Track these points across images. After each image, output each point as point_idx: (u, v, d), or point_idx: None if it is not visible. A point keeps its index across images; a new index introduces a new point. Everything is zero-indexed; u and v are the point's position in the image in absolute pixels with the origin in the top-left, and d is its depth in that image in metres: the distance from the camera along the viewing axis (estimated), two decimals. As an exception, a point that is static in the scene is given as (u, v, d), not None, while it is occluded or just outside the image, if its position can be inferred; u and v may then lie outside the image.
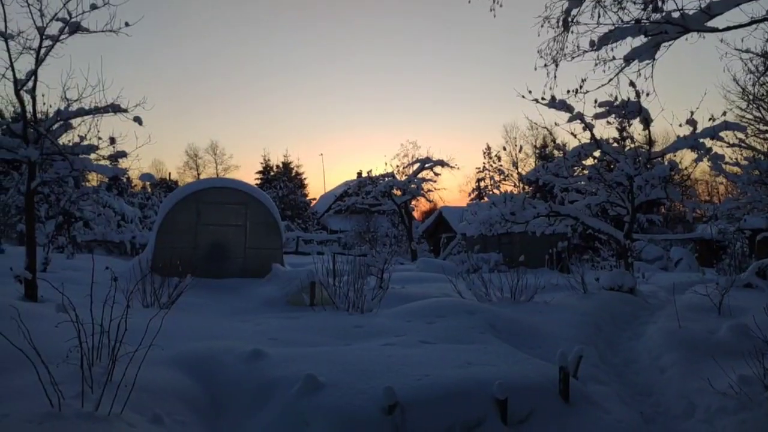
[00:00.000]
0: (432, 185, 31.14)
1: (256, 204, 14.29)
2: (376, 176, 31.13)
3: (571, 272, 12.99)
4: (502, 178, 41.89)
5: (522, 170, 42.79)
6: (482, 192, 43.15)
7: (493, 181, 42.51)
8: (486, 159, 43.93)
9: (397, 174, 30.86)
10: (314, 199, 48.72)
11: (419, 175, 30.60)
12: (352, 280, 9.04)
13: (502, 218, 13.21)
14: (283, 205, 38.17)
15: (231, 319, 8.30)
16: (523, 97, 11.89)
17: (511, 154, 45.05)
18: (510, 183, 42.20)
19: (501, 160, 42.76)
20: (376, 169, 32.43)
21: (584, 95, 9.73)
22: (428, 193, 31.61)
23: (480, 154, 71.77)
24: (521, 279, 9.86)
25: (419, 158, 30.99)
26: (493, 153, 43.17)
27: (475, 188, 45.66)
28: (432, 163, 30.52)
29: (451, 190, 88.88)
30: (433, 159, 30.55)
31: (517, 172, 43.37)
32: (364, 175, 32.61)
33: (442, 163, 30.43)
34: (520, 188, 38.92)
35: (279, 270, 12.87)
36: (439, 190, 32.00)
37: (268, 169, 48.22)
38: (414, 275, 15.51)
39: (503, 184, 41.22)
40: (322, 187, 56.51)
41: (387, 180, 30.13)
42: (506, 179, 42.01)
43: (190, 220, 13.73)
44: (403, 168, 31.25)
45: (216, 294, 11.14)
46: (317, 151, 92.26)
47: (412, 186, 30.05)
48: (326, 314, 8.48)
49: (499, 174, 42.13)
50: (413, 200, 31.78)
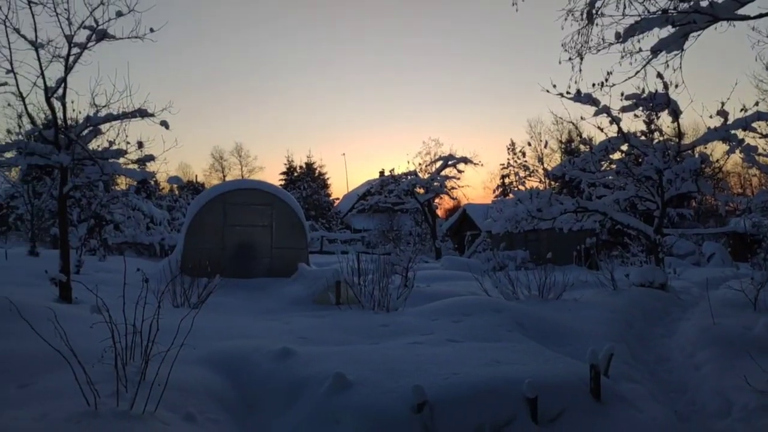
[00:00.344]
0: (455, 182, 31.04)
1: (281, 204, 14.41)
2: (398, 175, 31.11)
3: (599, 269, 12.81)
4: (528, 174, 41.43)
5: (547, 166, 42.35)
6: (507, 188, 42.81)
7: (518, 178, 42.08)
8: (510, 155, 43.53)
9: (419, 172, 30.79)
10: (337, 199, 48.93)
11: (442, 173, 30.48)
12: (376, 279, 9.05)
13: (528, 215, 13.08)
14: (307, 205, 38.40)
15: (259, 318, 8.38)
16: (547, 91, 11.77)
17: (536, 149, 44.58)
18: (535, 179, 41.75)
19: (526, 156, 42.27)
20: (399, 167, 32.37)
21: (610, 88, 9.60)
22: (452, 191, 31.51)
23: (504, 150, 71.26)
24: (549, 276, 9.76)
25: (442, 155, 30.87)
26: (518, 149, 42.74)
27: (499, 185, 45.34)
28: (455, 160, 30.37)
29: (475, 187, 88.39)
30: (456, 156, 30.41)
31: (542, 168, 42.90)
32: (387, 174, 32.62)
33: (465, 160, 30.26)
34: (545, 184, 38.48)
35: (305, 269, 12.96)
36: (463, 187, 31.74)
37: (292, 169, 48.58)
38: (439, 273, 15.47)
39: (528, 180, 40.78)
40: (345, 187, 56.66)
41: (410, 178, 30.08)
42: (531, 175, 41.55)
43: (217, 221, 13.91)
44: (426, 166, 31.18)
45: (244, 293, 11.27)
46: (340, 150, 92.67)
47: (435, 184, 29.95)
48: (352, 313, 8.51)
49: (524, 170, 41.68)
50: (436, 198, 31.68)
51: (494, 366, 4.87)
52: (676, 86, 11.16)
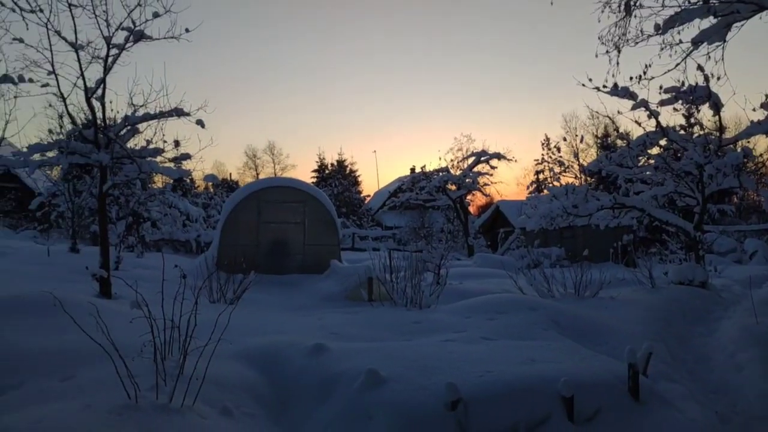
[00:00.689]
0: (488, 179, 30.72)
1: (313, 202, 14.52)
2: (429, 171, 30.95)
3: (637, 266, 12.53)
4: (563, 169, 40.77)
5: (583, 161, 41.55)
6: (541, 185, 42.24)
7: (552, 173, 41.45)
8: (545, 150, 42.97)
9: (451, 168, 30.58)
10: (368, 196, 49.04)
11: (475, 169, 30.20)
12: (409, 276, 9.04)
13: (563, 211, 12.88)
14: (338, 202, 38.59)
15: (293, 314, 8.47)
16: (583, 85, 11.55)
17: (571, 144, 43.81)
18: (571, 174, 41.05)
19: (561, 151, 41.64)
20: (430, 164, 32.27)
21: (648, 81, 9.37)
22: (484, 187, 31.16)
23: (538, 146, 70.28)
24: (585, 274, 9.60)
25: (474, 151, 30.56)
26: (552, 144, 42.16)
27: (533, 181, 44.78)
28: (488, 156, 30.06)
29: (509, 184, 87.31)
30: (488, 152, 30.08)
31: (578, 163, 42.17)
32: (418, 171, 32.50)
33: (498, 156, 29.92)
34: (581, 180, 37.81)
35: (337, 266, 13.04)
36: (496, 183, 31.35)
37: (323, 167, 48.90)
38: (471, 271, 15.36)
39: (563, 176, 40.14)
40: (376, 184, 56.85)
41: (441, 175, 29.89)
42: (566, 171, 40.86)
43: (251, 218, 14.10)
44: (458, 162, 30.92)
45: (277, 289, 11.40)
46: (371, 148, 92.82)
47: (468, 180, 29.70)
48: (384, 310, 8.52)
49: (559, 165, 41.04)
50: (469, 195, 31.38)
51: (529, 364, 4.82)
52: (717, 78, 10.78)
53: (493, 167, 30.33)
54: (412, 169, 40.94)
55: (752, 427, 4.78)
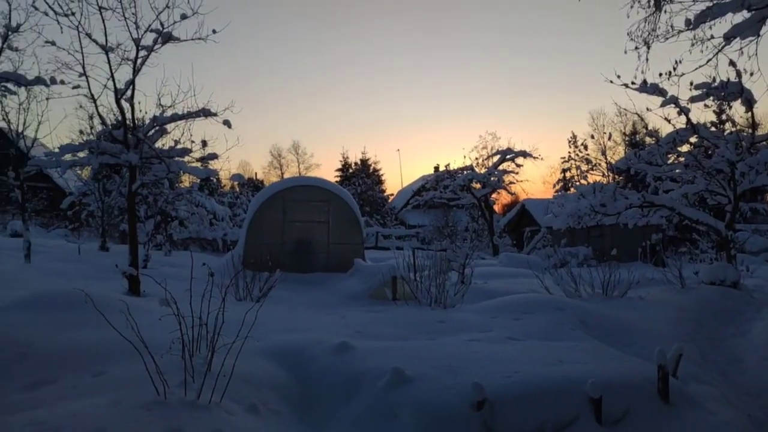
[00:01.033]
0: (514, 177, 30.40)
1: (337, 201, 14.58)
2: (454, 170, 30.78)
3: (666, 266, 12.31)
4: (590, 167, 40.17)
5: (611, 159, 40.91)
6: (568, 183, 41.72)
7: (579, 171, 40.87)
8: (571, 148, 42.37)
9: (476, 167, 30.37)
10: (392, 195, 49.04)
11: (500, 167, 29.95)
12: (433, 275, 9.01)
13: (591, 210, 12.70)
14: (362, 201, 38.67)
15: (317, 312, 8.52)
16: (611, 82, 11.37)
17: (598, 142, 43.19)
18: (598, 172, 40.43)
19: (588, 149, 41.03)
20: (455, 162, 32.05)
21: (679, 78, 9.16)
22: (510, 186, 30.87)
23: (565, 143, 69.52)
24: (613, 273, 9.46)
25: (500, 149, 30.31)
26: (579, 141, 41.56)
27: (560, 179, 44.25)
28: (513, 154, 29.77)
29: (534, 182, 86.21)
30: (514, 150, 29.79)
31: (605, 161, 41.53)
32: (442, 169, 32.35)
33: (524, 154, 29.61)
34: (609, 178, 37.25)
35: (361, 265, 13.07)
36: (522, 182, 30.95)
37: (347, 166, 49.06)
38: (497, 270, 15.24)
39: (591, 174, 39.54)
40: (400, 183, 56.72)
41: (466, 173, 29.69)
42: (594, 169, 40.24)
43: (276, 217, 14.22)
44: (483, 160, 30.73)
45: (302, 288, 11.48)
46: (394, 146, 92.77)
47: (493, 178, 29.46)
48: (409, 309, 8.51)
49: (586, 163, 40.43)
50: (494, 193, 31.12)
51: (556, 365, 4.76)
52: (750, 74, 10.52)
53: (518, 165, 30.03)
54: (436, 168, 40.84)
55: (787, 431, 4.66)
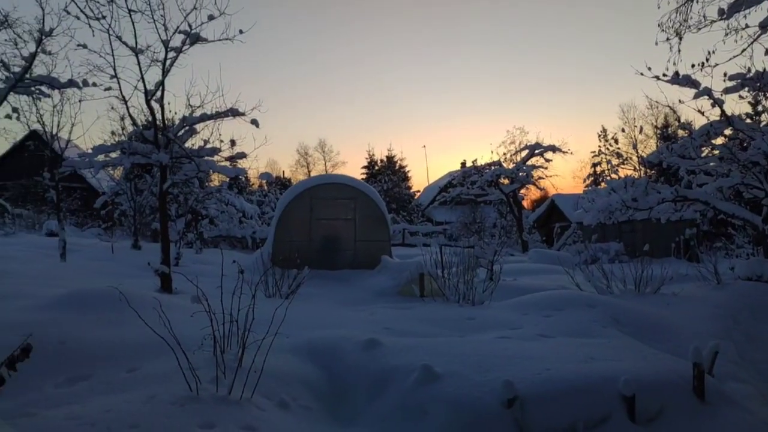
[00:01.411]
0: (542, 172, 29.98)
1: (364, 198, 14.60)
2: (481, 165, 30.53)
3: (701, 261, 12.04)
4: (621, 161, 39.45)
5: (642, 153, 40.10)
6: (599, 177, 41.04)
7: (610, 166, 40.17)
8: (602, 142, 41.68)
9: (504, 162, 30.03)
10: (418, 191, 48.94)
11: (528, 162, 29.57)
12: (461, 272, 8.96)
13: (622, 205, 12.45)
14: (388, 198, 38.67)
15: (345, 308, 8.54)
16: (641, 74, 11.12)
17: (629, 135, 42.37)
18: (629, 167, 39.67)
19: (618, 143, 40.28)
20: (482, 158, 31.74)
21: (712, 69, 8.96)
22: (539, 181, 30.45)
23: (594, 137, 68.38)
24: (645, 269, 9.28)
25: (528, 144, 29.88)
26: (610, 135, 40.85)
27: (590, 174, 43.52)
28: (542, 149, 29.37)
29: (564, 177, 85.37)
30: (543, 144, 29.39)
31: (636, 155, 40.74)
32: (469, 165, 32.12)
33: (553, 149, 29.19)
34: (640, 172, 36.52)
35: (388, 261, 13.06)
36: (551, 177, 30.41)
37: (373, 163, 49.10)
38: (526, 267, 15.10)
39: (622, 168, 38.82)
40: (426, 179, 56.58)
41: (493, 169, 29.41)
42: (625, 163, 39.50)
43: (304, 215, 14.31)
44: (511, 155, 30.34)
45: (330, 284, 11.53)
46: (420, 143, 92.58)
47: (521, 174, 29.10)
48: (437, 305, 8.48)
49: (617, 157, 39.72)
50: (522, 189, 30.78)
51: (588, 362, 4.70)
52: (788, 63, 10.24)
53: (547, 160, 29.61)
54: (463, 164, 40.57)
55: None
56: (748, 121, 12.48)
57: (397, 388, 4.42)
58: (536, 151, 29.48)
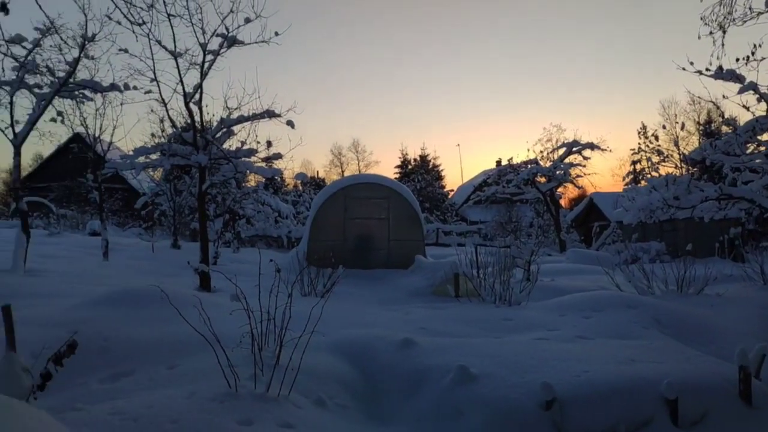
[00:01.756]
0: (581, 170, 29.37)
1: (397, 198, 14.60)
2: (517, 163, 30.16)
3: (746, 261, 11.64)
4: (661, 159, 38.42)
5: (684, 150, 38.98)
6: (638, 175, 40.11)
7: (650, 163, 39.16)
8: (641, 139, 40.69)
9: (540, 160, 29.57)
10: (452, 191, 48.69)
11: (566, 160, 29.04)
12: (497, 272, 8.87)
13: (664, 203, 12.12)
14: (421, 197, 38.58)
15: (380, 307, 8.56)
16: (683, 69, 10.82)
17: (670, 132, 41.24)
18: (670, 164, 38.60)
19: (659, 140, 39.23)
20: (518, 156, 31.31)
21: (758, 63, 8.65)
22: (577, 179, 29.86)
23: (634, 134, 66.83)
24: (688, 269, 9.02)
25: (565, 142, 29.35)
26: (650, 132, 39.83)
27: (630, 171, 42.62)
28: (580, 147, 28.78)
29: (603, 175, 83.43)
30: (581, 142, 28.82)
31: (678, 152, 39.63)
32: (504, 163, 31.75)
33: (591, 146, 28.58)
34: (682, 170, 35.52)
35: (422, 261, 13.02)
36: (589, 175, 29.75)
37: (406, 162, 49.08)
38: (564, 267, 14.85)
39: (662, 166, 37.80)
40: (460, 178, 56.20)
41: (530, 167, 28.99)
42: (666, 160, 38.45)
43: (338, 214, 14.39)
44: (548, 153, 29.83)
45: (364, 283, 11.56)
46: (454, 141, 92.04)
47: (559, 172, 28.59)
48: (472, 306, 8.42)
49: (658, 155, 38.67)
50: (560, 187, 30.25)
51: (629, 364, 4.59)
52: (839, 55, 9.81)
53: (585, 158, 28.99)
54: (498, 162, 40.19)
55: None
56: (797, 116, 11.97)
57: (432, 388, 4.41)
58: (574, 149, 28.93)
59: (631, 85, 73.58)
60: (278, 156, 10.57)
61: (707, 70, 10.81)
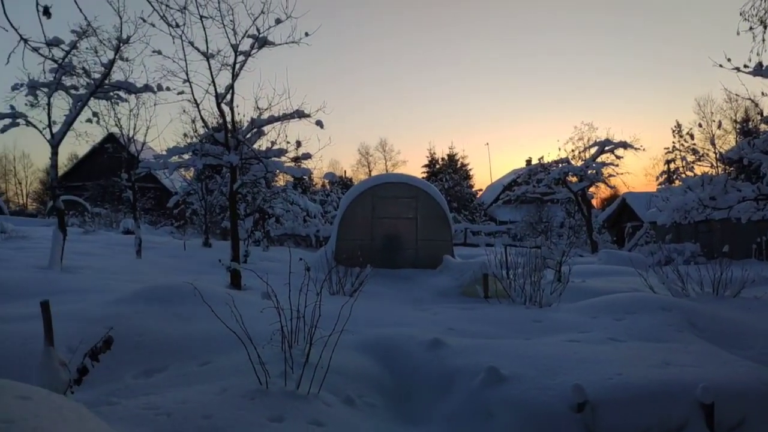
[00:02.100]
0: (613, 169, 28.79)
1: (425, 197, 14.56)
2: (548, 163, 29.76)
3: (786, 263, 11.28)
4: (697, 158, 37.48)
5: (720, 148, 37.95)
6: (673, 175, 39.20)
7: (685, 163, 38.20)
8: (676, 138, 39.60)
9: (572, 159, 29.12)
10: (480, 190, 48.33)
11: (598, 159, 28.52)
12: (527, 273, 8.77)
13: (699, 204, 11.83)
14: (449, 197, 38.39)
15: (408, 307, 8.55)
16: (720, 66, 10.53)
17: (706, 130, 40.22)
18: (706, 163, 37.59)
19: (694, 138, 38.17)
20: (548, 155, 30.87)
21: (800, 59, 8.35)
22: (609, 179, 29.29)
23: (668, 133, 65.42)
24: (724, 271, 8.79)
25: (597, 140, 28.82)
26: (685, 131, 38.83)
27: (664, 171, 41.58)
28: (613, 146, 28.24)
29: (636, 175, 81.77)
30: (613, 141, 28.29)
31: (714, 151, 38.62)
32: (535, 162, 31.37)
33: (624, 145, 28.01)
34: (718, 169, 34.62)
35: (450, 261, 12.97)
36: (622, 174, 29.03)
37: (434, 162, 48.92)
38: (596, 268, 14.61)
39: (698, 165, 36.86)
40: (489, 178, 55.78)
41: (561, 166, 28.57)
42: (701, 159, 37.50)
43: (366, 214, 14.42)
44: (579, 152, 29.33)
45: (392, 283, 11.56)
46: (482, 140, 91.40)
47: (590, 171, 28.10)
48: (502, 307, 8.35)
49: (693, 154, 37.74)
50: (591, 187, 29.75)
51: (663, 368, 4.50)
52: None
53: (618, 157, 28.41)
54: (528, 161, 39.76)
55: None
56: (841, 113, 11.58)
57: (461, 389, 4.39)
58: (606, 148, 28.41)
59: (666, 82, 72.14)
60: (307, 156, 10.65)
61: (746, 66, 10.51)
